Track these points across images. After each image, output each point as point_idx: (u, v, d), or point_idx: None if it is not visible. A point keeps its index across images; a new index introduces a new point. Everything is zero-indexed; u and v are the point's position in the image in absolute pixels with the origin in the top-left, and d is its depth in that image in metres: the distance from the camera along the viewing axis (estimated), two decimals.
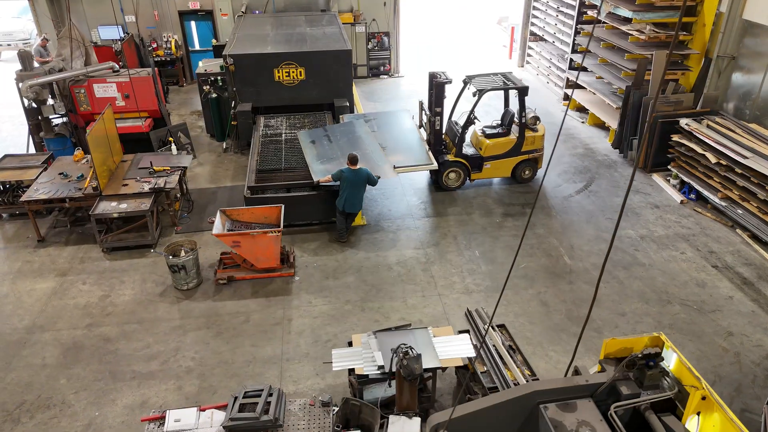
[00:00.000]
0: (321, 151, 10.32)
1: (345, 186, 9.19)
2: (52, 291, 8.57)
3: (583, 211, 10.51)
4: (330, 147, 10.47)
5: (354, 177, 9.14)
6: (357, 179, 9.16)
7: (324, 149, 10.40)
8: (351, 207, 9.38)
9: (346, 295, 8.43)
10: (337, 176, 9.21)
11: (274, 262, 8.68)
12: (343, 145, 10.48)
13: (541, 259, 9.20)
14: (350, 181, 9.13)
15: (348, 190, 9.20)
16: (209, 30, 17.35)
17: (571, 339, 7.55)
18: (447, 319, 7.92)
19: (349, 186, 9.15)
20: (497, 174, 11.37)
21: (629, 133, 12.14)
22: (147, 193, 9.57)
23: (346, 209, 9.40)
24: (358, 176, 9.15)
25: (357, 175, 9.15)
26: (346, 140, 10.69)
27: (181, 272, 8.38)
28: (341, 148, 10.34)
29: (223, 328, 7.82)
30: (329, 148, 10.42)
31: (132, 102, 11.73)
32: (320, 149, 10.39)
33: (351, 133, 10.93)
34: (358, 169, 9.16)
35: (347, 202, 9.32)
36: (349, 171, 9.14)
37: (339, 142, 10.66)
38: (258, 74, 12.25)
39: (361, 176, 9.17)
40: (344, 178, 9.15)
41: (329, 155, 10.19)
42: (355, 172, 9.14)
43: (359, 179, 9.18)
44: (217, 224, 8.55)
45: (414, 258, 9.27)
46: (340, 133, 10.96)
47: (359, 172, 9.16)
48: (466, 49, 21.04)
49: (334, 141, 10.66)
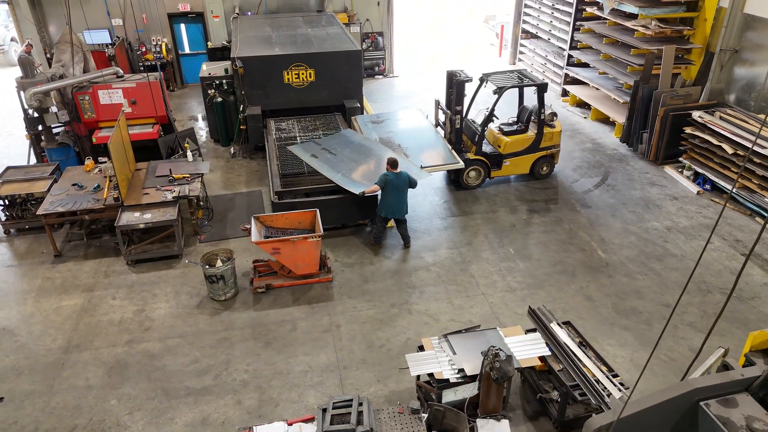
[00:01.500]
0: (332, 164, 9.97)
1: (389, 191, 8.94)
2: (81, 308, 8.16)
3: (605, 205, 10.63)
4: (335, 158, 10.15)
5: (398, 181, 8.93)
6: (401, 183, 8.96)
7: (333, 161, 10.04)
8: (399, 212, 9.14)
9: (390, 298, 8.30)
10: (383, 183, 8.92)
11: (313, 267, 8.48)
12: (348, 154, 10.26)
13: (575, 254, 9.26)
14: (395, 185, 8.92)
15: (392, 195, 8.96)
16: (200, 32, 16.91)
17: (623, 332, 7.61)
18: (497, 318, 7.87)
19: (394, 191, 8.95)
20: (516, 171, 11.41)
21: (639, 127, 12.36)
22: (171, 202, 9.23)
23: (391, 215, 9.15)
24: (401, 179, 8.96)
25: (400, 178, 8.95)
26: (349, 150, 10.41)
27: (219, 282, 8.10)
28: (349, 157, 10.14)
29: (272, 337, 7.59)
30: (338, 159, 10.10)
31: (140, 108, 11.30)
32: (330, 162, 10.01)
33: (350, 143, 10.71)
34: (400, 173, 8.98)
35: (392, 208, 9.06)
36: (393, 175, 8.92)
37: (343, 151, 10.41)
38: (267, 77, 11.98)
39: (403, 179, 8.98)
40: (389, 183, 8.89)
41: (344, 166, 9.86)
42: (398, 176, 8.94)
43: (402, 182, 8.98)
44: (253, 231, 8.30)
45: (450, 258, 9.20)
46: (338, 144, 10.70)
47: (401, 175, 8.97)
48: (453, 48, 21.11)
49: (337, 153, 10.34)
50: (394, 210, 9.09)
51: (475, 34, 23.02)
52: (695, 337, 7.51)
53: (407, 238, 9.44)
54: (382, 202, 9.09)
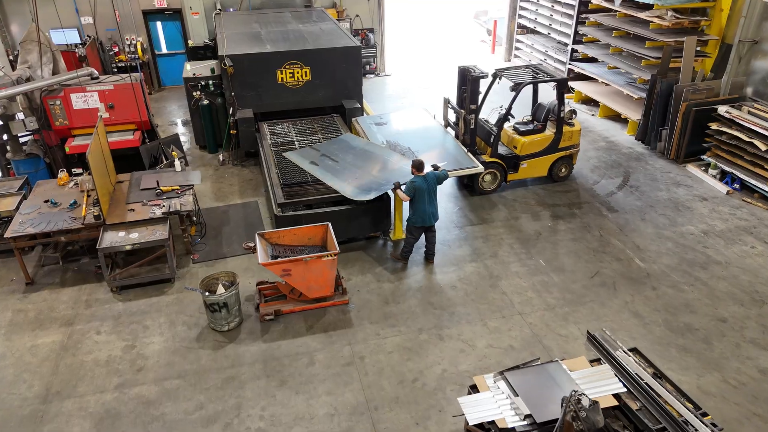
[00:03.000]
0: (336, 172, 9.04)
1: (420, 198, 8.01)
2: (61, 346, 7.03)
3: (632, 208, 9.88)
4: (338, 166, 9.23)
5: (426, 184, 8.01)
6: (430, 184, 8.06)
7: (335, 169, 9.12)
8: (433, 217, 8.23)
9: (417, 322, 7.37)
10: (412, 191, 7.98)
11: (328, 290, 7.50)
12: (352, 161, 9.34)
13: (611, 263, 8.46)
14: (425, 190, 7.99)
15: (425, 201, 8.04)
16: (178, 31, 15.73)
17: (682, 354, 6.81)
18: (540, 341, 7.01)
19: (426, 195, 8.02)
20: (533, 173, 10.59)
21: (658, 123, 11.66)
22: (160, 219, 8.14)
23: (428, 222, 8.22)
24: (430, 181, 8.05)
25: (428, 180, 8.04)
26: (352, 156, 9.49)
27: (222, 311, 7.06)
28: (353, 164, 9.23)
29: (287, 374, 6.59)
30: (341, 167, 9.18)
31: (118, 113, 10.14)
32: (332, 170, 9.09)
33: (352, 148, 9.81)
34: (426, 174, 8.07)
35: (426, 214, 8.11)
36: (421, 179, 7.99)
37: (346, 157, 9.48)
38: (259, 76, 10.94)
39: (431, 180, 8.08)
40: (419, 189, 7.96)
41: (349, 174, 8.93)
42: (426, 179, 8.02)
43: (432, 183, 8.08)
44: (259, 251, 7.27)
45: (476, 272, 8.31)
46: (339, 150, 9.80)
47: (428, 176, 8.06)
48: (442, 46, 20.29)
49: (339, 159, 9.43)
50: (427, 216, 8.15)
51: (464, 30, 22.26)
52: (761, 356, 6.75)
53: (433, 251, 8.54)
54: (415, 211, 8.13)
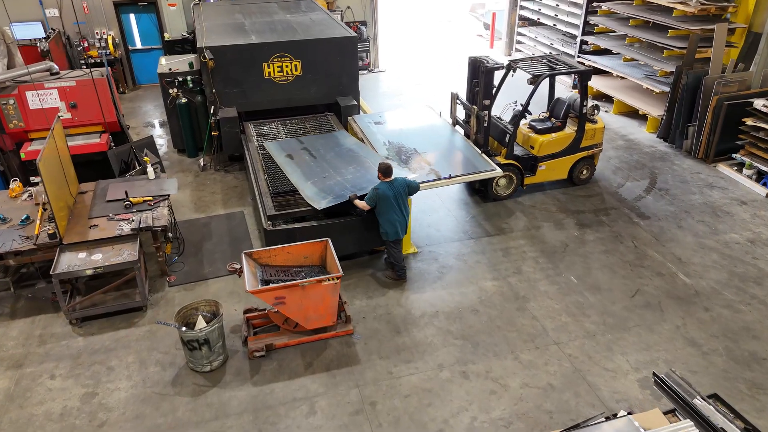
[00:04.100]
0: (306, 169, 8.09)
1: (387, 207, 6.94)
2: (6, 395, 5.78)
3: (665, 214, 8.83)
4: (314, 163, 8.30)
5: (393, 191, 6.95)
6: (398, 191, 7.00)
7: (308, 166, 8.19)
8: (404, 229, 7.18)
9: (436, 357, 6.22)
10: (374, 200, 6.92)
11: (329, 319, 6.31)
12: (331, 159, 8.37)
13: (653, 279, 7.39)
14: (390, 197, 6.92)
15: (394, 210, 6.98)
16: (153, 24, 14.43)
17: (755, 391, 5.74)
18: (583, 378, 5.90)
19: (394, 203, 6.95)
20: (552, 176, 9.50)
21: (683, 119, 10.64)
22: (129, 236, 6.91)
23: (402, 234, 7.17)
24: (398, 187, 7.00)
25: (396, 187, 6.98)
26: (333, 154, 8.53)
27: (202, 349, 5.85)
28: (330, 163, 8.25)
29: (283, 427, 5.40)
30: (316, 164, 8.24)
31: (82, 113, 8.88)
32: (304, 167, 8.17)
33: (338, 146, 8.83)
34: (394, 180, 7.01)
35: (400, 225, 7.07)
36: (386, 186, 6.92)
37: (326, 155, 8.51)
38: (244, 71, 9.73)
39: (400, 187, 7.02)
40: (384, 198, 6.89)
41: (320, 173, 7.97)
42: (392, 185, 6.97)
43: (400, 190, 7.02)
44: (246, 275, 6.07)
45: (499, 293, 7.18)
46: (324, 146, 8.83)
47: (396, 182, 7.01)
48: (438, 41, 19.20)
49: (318, 155, 8.50)
50: (402, 226, 7.11)
51: (460, 25, 21.21)
52: None
53: (404, 270, 7.48)
54: (385, 223, 7.06)
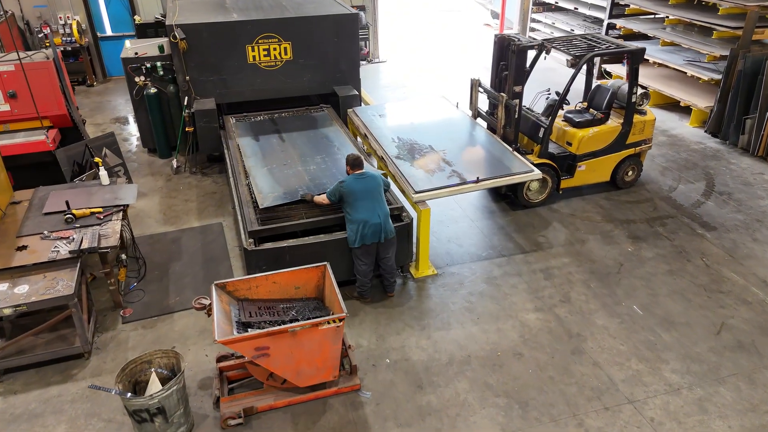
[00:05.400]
0: (266, 153, 7.08)
1: (354, 205, 5.54)
2: None
3: (735, 224, 7.30)
4: (279, 147, 7.28)
5: (363, 185, 5.58)
6: (370, 186, 5.63)
7: (269, 150, 7.18)
8: (382, 232, 5.59)
9: (473, 424, 4.64)
10: (336, 194, 5.62)
11: (328, 373, 4.71)
12: (301, 145, 7.30)
13: (738, 309, 5.84)
14: (357, 192, 5.54)
15: (365, 209, 5.53)
16: (124, 7, 12.84)
17: None
18: None
19: (363, 201, 5.55)
20: (592, 178, 7.96)
21: (740, 111, 9.12)
22: (67, 260, 5.29)
23: (371, 238, 5.58)
24: (369, 182, 5.64)
25: (366, 181, 5.62)
26: (305, 139, 7.50)
27: (155, 421, 4.24)
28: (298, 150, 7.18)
29: None
30: (281, 149, 7.21)
31: (23, 104, 7.24)
32: (265, 150, 7.19)
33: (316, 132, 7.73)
34: (364, 173, 5.66)
35: (371, 229, 5.53)
36: (353, 179, 5.60)
37: (297, 140, 7.46)
38: (223, 54, 8.15)
39: (373, 181, 5.67)
40: (349, 193, 5.54)
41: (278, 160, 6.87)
42: (362, 179, 5.62)
43: (373, 185, 5.65)
44: (216, 317, 4.46)
45: (546, 329, 5.62)
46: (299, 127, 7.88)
47: (366, 176, 5.65)
48: (442, 31, 17.70)
49: (287, 140, 7.49)
50: (373, 230, 5.56)
51: (465, 14, 19.74)
52: None
53: (391, 280, 5.98)
54: (352, 225, 5.59)
